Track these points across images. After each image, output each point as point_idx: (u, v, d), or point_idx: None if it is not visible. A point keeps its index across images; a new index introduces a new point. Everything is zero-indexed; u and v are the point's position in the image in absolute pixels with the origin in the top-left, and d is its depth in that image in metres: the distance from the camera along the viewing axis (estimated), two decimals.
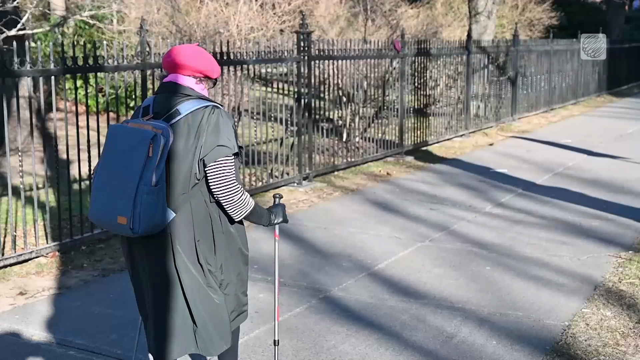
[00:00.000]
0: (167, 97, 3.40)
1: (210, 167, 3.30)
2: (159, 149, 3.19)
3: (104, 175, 3.32)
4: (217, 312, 3.44)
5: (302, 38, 9.30)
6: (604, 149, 12.31)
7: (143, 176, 3.17)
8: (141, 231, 3.21)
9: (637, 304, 5.32)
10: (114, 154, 3.30)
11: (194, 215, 3.35)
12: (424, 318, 5.07)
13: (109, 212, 3.26)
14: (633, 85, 25.90)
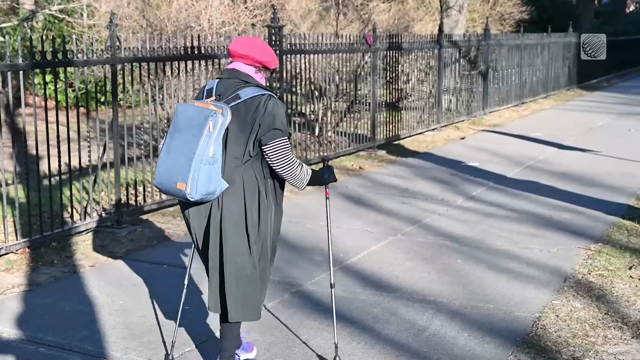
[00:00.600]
0: (229, 82, 3.85)
1: (269, 146, 3.76)
2: (218, 126, 3.63)
3: (169, 146, 3.75)
4: (250, 284, 3.84)
5: (274, 32, 9.28)
6: (574, 143, 12.42)
7: (202, 148, 3.61)
8: (197, 197, 3.64)
9: (606, 295, 5.38)
10: (178, 128, 3.73)
11: (245, 187, 3.78)
12: (396, 311, 5.09)
13: (170, 179, 3.70)
14: (603, 79, 26.13)
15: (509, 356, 4.40)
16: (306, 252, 6.40)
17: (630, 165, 10.33)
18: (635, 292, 5.43)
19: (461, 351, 4.47)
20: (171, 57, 7.84)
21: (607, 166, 10.33)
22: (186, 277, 4.39)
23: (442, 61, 13.96)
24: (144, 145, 8.35)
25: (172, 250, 6.45)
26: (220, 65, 8.82)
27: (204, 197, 3.67)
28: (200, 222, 3.85)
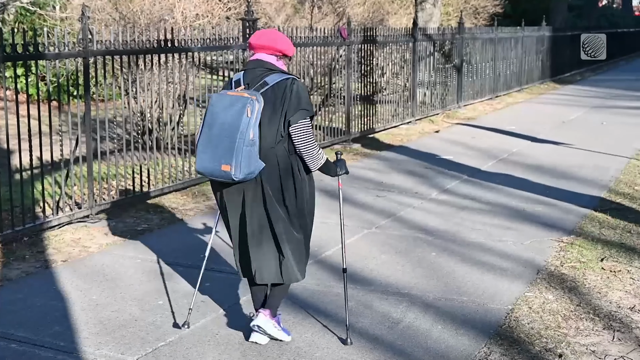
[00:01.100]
0: (254, 71, 4.25)
1: (294, 126, 4.15)
2: (255, 111, 4.03)
3: (208, 133, 4.11)
4: (298, 248, 4.30)
5: (248, 25, 9.25)
6: (547, 136, 12.51)
7: (243, 132, 4.00)
8: (241, 176, 4.03)
9: (579, 287, 5.43)
10: (217, 116, 4.10)
11: (280, 165, 4.18)
12: (370, 304, 5.10)
13: (214, 162, 4.07)
14: (575, 72, 26.31)
15: (482, 348, 4.43)
16: None
17: (602, 158, 10.42)
18: (607, 284, 5.48)
19: (435, 343, 4.49)
20: (144, 50, 7.78)
21: (580, 159, 10.41)
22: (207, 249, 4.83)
23: (417, 55, 13.99)
24: (117, 139, 8.29)
25: (145, 244, 6.42)
26: (194, 58, 8.78)
27: (246, 177, 4.07)
28: (236, 200, 4.22)
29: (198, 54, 8.79)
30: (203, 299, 5.16)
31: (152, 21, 11.27)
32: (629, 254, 6.17)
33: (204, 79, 9.95)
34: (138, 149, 8.06)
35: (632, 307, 5.07)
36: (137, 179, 7.81)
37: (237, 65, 9.32)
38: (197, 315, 4.87)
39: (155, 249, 6.30)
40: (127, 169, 7.98)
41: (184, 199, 8.02)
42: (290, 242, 4.26)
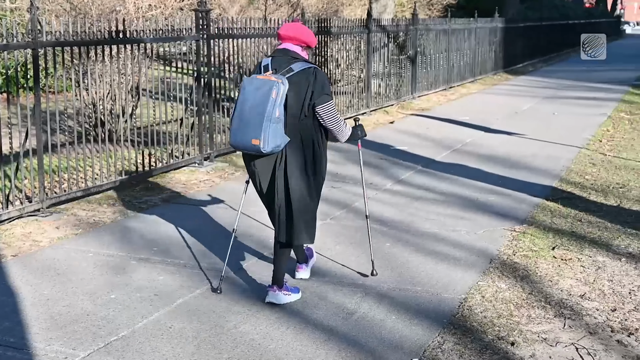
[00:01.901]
0: (281, 58, 4.81)
1: (321, 108, 4.76)
2: (280, 93, 4.61)
3: (240, 112, 4.69)
4: (310, 213, 4.89)
5: (201, 16, 9.17)
6: (501, 126, 12.64)
7: (270, 111, 4.57)
8: (269, 149, 4.62)
9: (530, 275, 5.50)
10: (247, 97, 4.67)
11: (302, 139, 4.78)
12: (325, 295, 5.10)
13: (245, 137, 4.64)
14: (528, 63, 26.62)
15: (436, 337, 4.46)
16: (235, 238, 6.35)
17: (554, 148, 10.56)
18: (558, 272, 5.56)
19: (389, 333, 4.51)
20: (95, 41, 7.68)
21: (532, 149, 10.54)
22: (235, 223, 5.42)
23: (371, 46, 14.02)
24: (68, 132, 8.18)
25: (97, 238, 6.34)
26: (146, 50, 8.69)
27: (273, 150, 4.65)
28: (266, 171, 4.81)
29: (151, 45, 8.70)
30: (156, 292, 5.13)
31: (104, 12, 11.13)
32: (580, 243, 6.26)
33: (158, 71, 9.86)
34: (90, 141, 7.96)
35: (583, 294, 5.15)
36: (89, 172, 7.71)
37: (191, 57, 9.25)
38: (150, 308, 4.84)
39: (107, 242, 6.23)
40: (79, 161, 7.87)
41: (138, 192, 7.93)
42: (302, 207, 4.84)
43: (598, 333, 4.54)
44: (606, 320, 4.72)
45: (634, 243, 6.26)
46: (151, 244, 6.20)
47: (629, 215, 7.08)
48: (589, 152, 10.25)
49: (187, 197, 7.80)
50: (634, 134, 11.82)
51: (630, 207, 7.38)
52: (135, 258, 5.84)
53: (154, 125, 8.90)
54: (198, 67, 9.21)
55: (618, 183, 8.41)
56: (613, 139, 11.36)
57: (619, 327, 4.62)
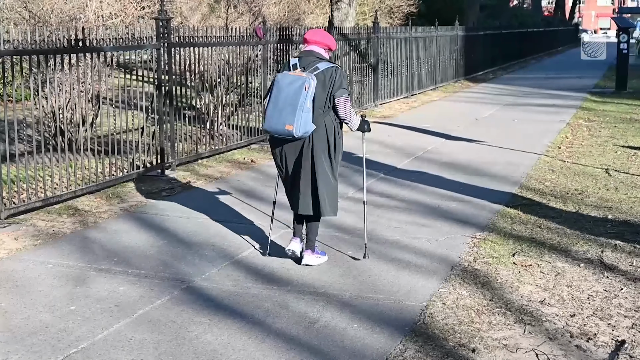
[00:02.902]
0: (307, 59, 5.67)
1: (339, 100, 5.61)
2: (311, 87, 5.46)
3: (275, 102, 5.47)
4: (333, 191, 5.78)
5: (162, 25, 9.13)
6: (462, 133, 12.74)
7: (302, 102, 5.40)
8: (300, 134, 5.44)
9: (491, 282, 5.54)
10: (281, 89, 5.48)
11: (326, 128, 5.64)
12: (287, 304, 5.10)
13: (280, 123, 5.44)
14: (488, 71, 26.90)
15: (398, 345, 4.47)
16: (197, 247, 6.34)
17: (514, 155, 10.67)
18: (518, 278, 5.62)
19: (351, 342, 4.52)
20: (54, 50, 7.61)
21: (493, 156, 10.64)
22: (275, 194, 6.31)
23: (333, 54, 14.04)
24: (27, 141, 8.08)
25: (57, 249, 6.27)
26: (106, 58, 8.62)
27: (303, 135, 5.47)
28: (292, 154, 5.65)
29: (111, 53, 8.63)
30: (117, 303, 5.08)
31: (64, 20, 11.02)
32: (539, 249, 6.33)
33: (119, 79, 9.78)
34: (50, 150, 7.87)
35: (542, 300, 5.21)
36: (49, 182, 7.63)
37: (152, 64, 9.19)
38: (110, 320, 4.79)
39: (67, 253, 6.16)
40: (39, 171, 7.77)
41: (98, 202, 7.86)
42: (327, 185, 5.69)
43: (557, 338, 4.59)
44: (565, 326, 4.78)
45: (592, 249, 6.35)
46: (112, 254, 6.14)
47: (587, 222, 7.18)
48: (548, 159, 10.38)
49: (148, 206, 7.74)
50: (592, 141, 11.99)
51: (588, 213, 7.48)
52: (95, 269, 5.78)
53: (115, 134, 8.83)
54: (159, 76, 9.16)
55: (576, 189, 8.52)
56: (572, 146, 11.51)
57: (578, 333, 4.68)
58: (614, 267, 5.90)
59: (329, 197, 5.73)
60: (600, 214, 7.45)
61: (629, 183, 8.86)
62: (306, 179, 5.66)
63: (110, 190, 8.28)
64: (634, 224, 7.11)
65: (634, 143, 11.77)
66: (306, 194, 5.69)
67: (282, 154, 5.71)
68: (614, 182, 8.89)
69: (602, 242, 6.52)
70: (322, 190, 5.67)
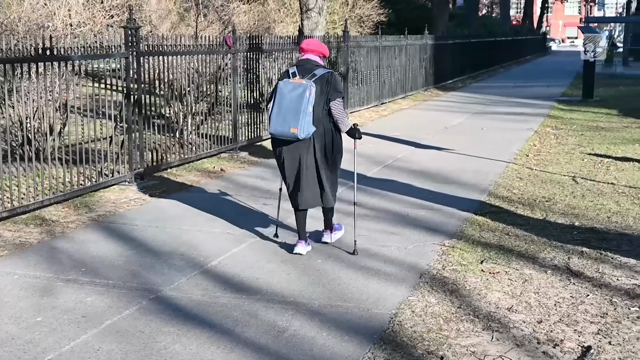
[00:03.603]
0: (305, 67, 6.20)
1: (333, 102, 6.15)
2: (313, 93, 5.99)
3: (279, 107, 5.99)
4: (333, 183, 6.40)
5: (130, 33, 9.09)
6: (431, 141, 12.81)
7: (305, 107, 5.93)
8: (303, 136, 5.99)
9: (459, 289, 5.58)
10: (284, 96, 5.99)
11: (324, 129, 6.19)
12: (256, 314, 5.09)
13: (284, 126, 5.97)
14: (457, 79, 27.09)
15: (367, 353, 4.48)
16: (166, 257, 6.31)
17: (482, 163, 10.76)
18: (486, 286, 5.66)
19: (320, 351, 4.52)
20: (21, 58, 7.55)
21: (462, 164, 10.71)
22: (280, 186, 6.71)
23: None
24: None
25: (23, 259, 6.21)
26: (74, 67, 8.57)
27: (306, 137, 6.02)
28: (294, 154, 6.16)
29: (79, 62, 8.58)
30: (84, 313, 5.04)
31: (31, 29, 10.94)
32: (507, 256, 6.39)
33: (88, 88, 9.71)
34: (17, 159, 7.79)
35: (510, 307, 5.25)
36: (16, 191, 7.55)
37: (121, 73, 9.14)
38: (77, 330, 4.75)
39: (34, 264, 6.10)
40: (5, 180, 7.69)
41: (66, 212, 7.80)
42: (328, 180, 6.30)
43: (525, 345, 4.63)
44: (533, 332, 4.82)
45: (559, 256, 6.41)
46: (79, 264, 6.09)
47: (554, 229, 7.25)
48: (516, 167, 10.47)
49: (116, 216, 7.70)
50: (560, 149, 12.12)
51: (555, 221, 7.56)
52: (62, 279, 5.73)
53: (84, 143, 8.77)
54: (127, 84, 9.12)
55: (544, 197, 8.61)
56: (539, 154, 11.63)
57: (545, 339, 4.72)
58: (580, 273, 5.97)
59: (331, 189, 6.36)
60: (567, 221, 7.54)
61: (595, 190, 8.97)
62: (309, 175, 6.20)
63: (79, 199, 8.22)
64: (600, 231, 7.20)
65: (600, 151, 11.92)
66: (308, 189, 6.22)
67: (284, 155, 6.22)
68: (581, 190, 8.99)
69: (569, 249, 6.59)
70: (325, 184, 6.27)
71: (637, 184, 9.36)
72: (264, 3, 20.20)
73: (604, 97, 20.93)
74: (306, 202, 6.28)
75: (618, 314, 5.16)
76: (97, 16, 12.30)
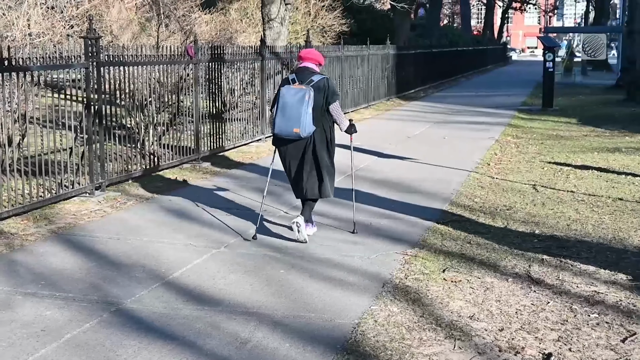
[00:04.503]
0: (303, 74, 7.03)
1: (332, 105, 6.99)
2: (311, 97, 6.78)
3: (282, 110, 6.80)
4: (331, 176, 7.16)
5: (91, 44, 9.02)
6: (394, 151, 12.87)
7: (305, 108, 6.72)
8: (305, 134, 6.80)
9: (422, 298, 5.60)
10: (287, 100, 6.79)
11: (324, 128, 7.03)
12: (218, 325, 5.06)
13: (287, 127, 6.78)
14: (420, 89, 27.27)
15: None
16: (127, 269, 6.25)
17: (445, 172, 10.83)
18: (448, 294, 5.69)
19: None
20: None
21: (424, 173, 10.77)
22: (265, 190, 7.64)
23: (265, 72, 14.08)
24: None
25: None
26: (33, 77, 8.47)
27: (307, 135, 6.83)
28: (296, 152, 6.99)
29: (38, 72, 8.49)
30: (43, 327, 4.96)
31: None
32: (469, 264, 6.43)
33: (47, 98, 9.60)
34: None
35: (472, 315, 5.28)
36: None
37: (83, 84, 9.05)
38: (36, 345, 4.67)
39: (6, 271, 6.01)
40: None
41: (25, 224, 7.69)
42: (327, 173, 7.05)
43: (487, 353, 4.66)
44: (494, 340, 4.85)
45: (520, 263, 6.47)
46: (39, 277, 6.01)
47: (515, 237, 7.32)
48: (477, 175, 10.56)
49: (77, 228, 7.61)
50: (520, 157, 12.26)
51: (516, 229, 7.63)
52: (21, 293, 5.64)
53: (43, 154, 8.67)
54: (88, 95, 9.04)
55: (505, 205, 8.69)
56: (500, 162, 11.74)
57: (507, 347, 4.75)
58: (540, 281, 6.03)
59: (330, 182, 7.10)
60: (528, 229, 7.61)
61: (555, 198, 9.08)
62: (311, 168, 6.98)
63: (38, 212, 8.12)
64: (560, 239, 7.28)
65: (560, 159, 12.07)
66: (310, 181, 7.00)
67: (287, 152, 7.02)
68: (541, 198, 9.09)
69: (530, 257, 6.66)
70: (325, 177, 7.02)
71: (595, 191, 9.49)
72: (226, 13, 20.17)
73: (564, 106, 21.22)
74: (307, 192, 7.04)
75: (578, 320, 5.21)
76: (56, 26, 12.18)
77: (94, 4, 13.63)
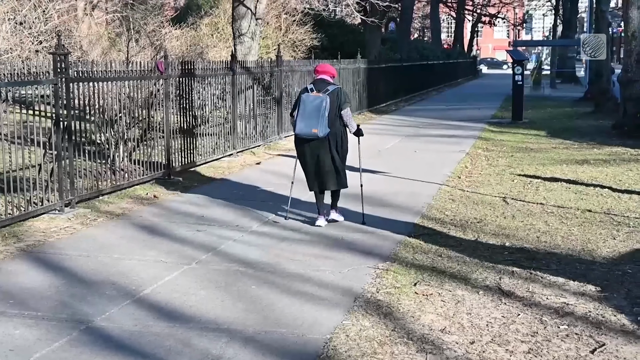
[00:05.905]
0: (320, 84, 8.23)
1: (344, 111, 8.19)
2: (328, 103, 7.98)
3: (303, 114, 8.02)
4: (344, 170, 8.33)
5: (59, 59, 8.96)
6: (365, 165, 12.83)
7: (323, 113, 7.94)
8: (321, 135, 7.99)
9: (393, 312, 5.61)
10: (307, 105, 8.03)
11: (336, 130, 8.18)
12: (189, 342, 5.03)
13: (307, 128, 8.00)
14: (391, 102, 27.38)
15: None
16: (97, 287, 6.20)
17: (416, 185, 10.88)
18: (419, 308, 5.70)
19: None
20: None
21: (396, 187, 10.81)
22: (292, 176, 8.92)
23: (236, 87, 14.08)
24: None
25: None
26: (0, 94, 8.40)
27: (323, 135, 8.00)
28: (315, 150, 8.16)
29: (6, 89, 8.42)
30: (12, 347, 4.91)
31: None
32: (440, 278, 6.46)
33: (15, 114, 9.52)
34: None
35: (443, 328, 5.30)
36: None
37: (52, 100, 8.98)
38: None
39: None
40: None
41: None
42: (341, 167, 8.27)
43: None
44: (465, 353, 4.87)
45: (490, 276, 6.51)
46: (7, 296, 5.94)
47: (486, 249, 7.37)
48: (448, 189, 10.62)
49: (46, 245, 7.54)
50: (490, 170, 12.34)
51: (487, 241, 7.68)
52: None
53: (11, 171, 8.58)
54: (57, 111, 8.97)
55: (476, 218, 8.74)
56: (471, 175, 11.81)
57: (478, 359, 4.77)
58: (511, 293, 6.07)
59: (343, 174, 8.29)
60: (498, 242, 7.66)
61: (525, 211, 9.15)
62: (327, 165, 8.15)
63: (7, 229, 8.03)
64: (530, 251, 7.34)
65: (529, 171, 12.17)
66: (327, 175, 8.20)
67: (306, 150, 8.18)
68: (511, 210, 9.16)
69: (500, 269, 6.70)
70: (340, 170, 8.24)
71: (565, 203, 9.58)
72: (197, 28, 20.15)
73: (533, 119, 21.42)
74: (327, 185, 8.25)
75: (548, 332, 5.25)
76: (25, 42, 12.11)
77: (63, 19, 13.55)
